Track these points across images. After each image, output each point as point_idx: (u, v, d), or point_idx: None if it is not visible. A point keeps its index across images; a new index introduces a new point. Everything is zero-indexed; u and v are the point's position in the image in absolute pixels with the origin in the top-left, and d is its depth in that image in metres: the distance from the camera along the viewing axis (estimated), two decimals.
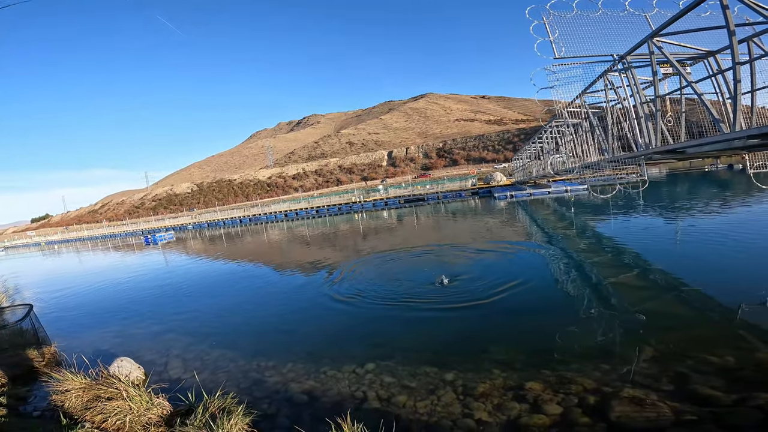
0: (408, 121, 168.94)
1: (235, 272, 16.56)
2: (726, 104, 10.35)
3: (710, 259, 10.08)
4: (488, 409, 4.64)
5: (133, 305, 12.33)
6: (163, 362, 7.21)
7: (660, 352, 5.53)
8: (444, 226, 26.60)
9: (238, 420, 4.46)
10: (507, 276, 10.40)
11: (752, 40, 9.61)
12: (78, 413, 4.78)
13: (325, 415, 4.50)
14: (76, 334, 9.58)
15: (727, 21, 8.02)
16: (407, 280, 11.19)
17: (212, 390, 5.22)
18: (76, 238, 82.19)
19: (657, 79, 10.86)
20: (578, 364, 5.36)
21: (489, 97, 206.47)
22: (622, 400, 4.44)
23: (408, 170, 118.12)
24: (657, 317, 6.85)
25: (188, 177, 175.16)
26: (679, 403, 4.29)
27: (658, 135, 11.63)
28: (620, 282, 9.30)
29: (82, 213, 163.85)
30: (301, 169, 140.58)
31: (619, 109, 15.24)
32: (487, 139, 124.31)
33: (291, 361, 6.55)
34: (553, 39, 12.25)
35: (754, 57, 9.54)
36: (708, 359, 5.14)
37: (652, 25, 12.07)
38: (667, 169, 56.93)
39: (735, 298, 7.20)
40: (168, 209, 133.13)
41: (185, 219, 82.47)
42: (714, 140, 9.49)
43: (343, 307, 9.38)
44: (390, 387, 5.40)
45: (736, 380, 4.62)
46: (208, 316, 10.03)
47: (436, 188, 64.03)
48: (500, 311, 7.93)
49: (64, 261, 35.96)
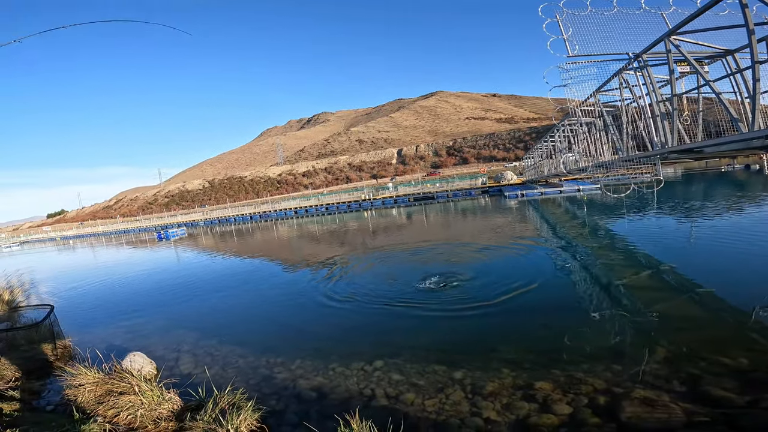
0: (418, 119, 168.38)
1: (245, 268, 16.70)
2: (744, 103, 10.12)
3: (724, 261, 9.88)
4: (497, 408, 4.60)
5: (145, 300, 12.53)
6: (174, 357, 7.31)
7: (672, 353, 5.44)
8: (453, 224, 26.47)
9: (247, 416, 4.50)
10: (517, 275, 10.31)
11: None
12: (90, 408, 4.86)
13: (334, 411, 4.52)
14: (89, 329, 9.75)
15: (746, 19, 7.87)
16: (416, 278, 11.17)
17: (222, 385, 5.27)
18: (91, 234, 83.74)
19: (674, 78, 10.64)
20: (589, 365, 5.29)
21: (500, 96, 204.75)
22: (632, 401, 4.37)
23: (418, 168, 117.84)
24: (669, 318, 6.75)
25: (200, 174, 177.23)
26: (691, 404, 4.22)
27: (675, 134, 11.40)
28: (632, 283, 9.16)
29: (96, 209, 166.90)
30: (311, 166, 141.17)
31: (634, 107, 14.96)
32: (498, 137, 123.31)
33: (300, 358, 6.58)
34: (567, 37, 12.08)
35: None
36: (721, 360, 5.05)
37: (669, 23, 11.87)
38: (682, 169, 55.81)
39: (749, 300, 7.05)
40: (180, 205, 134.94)
41: (197, 215, 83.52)
42: (732, 140, 9.27)
43: (352, 306, 9.40)
44: (398, 385, 5.39)
45: (749, 382, 4.54)
46: (219, 312, 10.15)
47: (445, 186, 63.74)
48: (510, 310, 7.87)
49: (79, 256, 36.68)
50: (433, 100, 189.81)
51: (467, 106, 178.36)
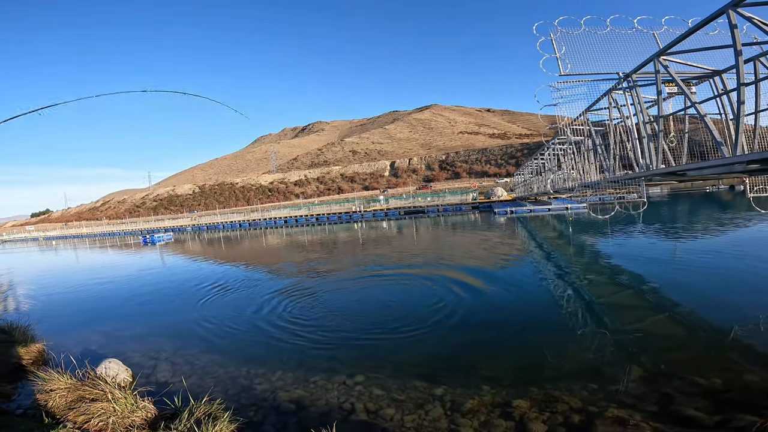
0: (412, 132, 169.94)
1: (230, 276, 16.48)
2: (729, 125, 10.31)
3: (705, 280, 10.06)
4: (474, 426, 4.58)
5: (125, 306, 12.27)
6: (151, 365, 7.15)
7: (648, 371, 5.50)
8: (442, 238, 26.58)
9: (224, 426, 4.41)
10: (501, 292, 10.39)
11: (759, 59, 9.59)
12: (61, 413, 4.72)
13: (312, 425, 4.46)
14: (65, 333, 9.50)
15: (735, 40, 7.93)
16: (400, 292, 11.18)
17: (199, 395, 5.16)
18: (75, 235, 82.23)
19: (661, 99, 10.84)
20: (566, 382, 5.31)
21: (494, 111, 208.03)
22: (605, 420, 4.39)
23: (410, 181, 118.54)
24: (648, 337, 6.84)
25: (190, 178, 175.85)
26: (662, 425, 4.26)
27: (659, 156, 11.63)
28: (613, 301, 9.27)
29: (82, 210, 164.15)
30: (304, 175, 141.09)
31: (622, 127, 15.30)
32: (490, 152, 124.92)
33: (280, 369, 6.49)
34: (560, 56, 12.28)
35: (760, 78, 9.49)
36: (695, 380, 5.11)
37: (660, 43, 12.00)
38: (668, 189, 57.03)
39: (728, 320, 7.21)
40: (169, 210, 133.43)
41: (185, 221, 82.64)
42: (714, 164, 9.49)
43: (335, 318, 9.33)
44: (379, 399, 5.34)
45: (721, 402, 4.60)
46: (200, 320, 9.94)
47: (437, 201, 64.22)
48: (492, 326, 7.88)
49: (61, 258, 35.93)
50: (428, 113, 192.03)
51: (461, 120, 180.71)
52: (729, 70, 10.93)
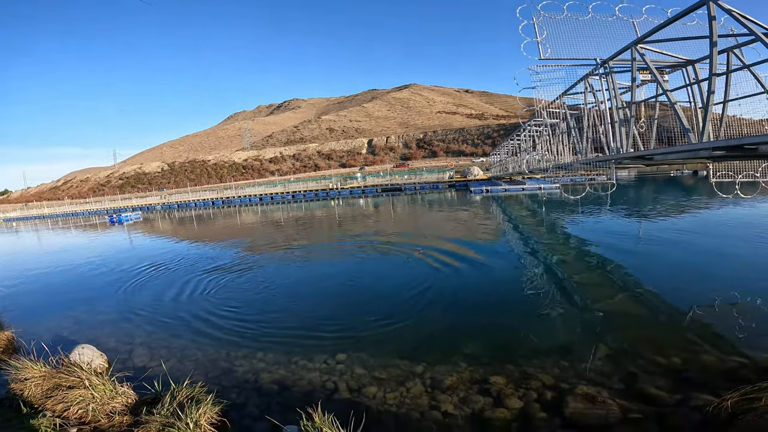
0: (390, 111, 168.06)
1: (203, 255, 16.14)
2: (697, 113, 10.71)
3: (668, 260, 10.62)
4: (454, 402, 4.79)
5: (95, 289, 11.86)
6: (127, 350, 7.03)
7: (614, 350, 5.83)
8: (419, 216, 26.83)
9: (207, 409, 4.44)
10: (477, 271, 10.66)
11: (733, 51, 9.86)
12: (38, 402, 4.62)
13: (296, 404, 4.53)
14: (34, 320, 9.14)
15: (711, 31, 8.08)
16: (377, 268, 11.30)
17: (180, 379, 5.16)
18: (36, 216, 78.07)
19: (635, 86, 11.12)
20: (539, 359, 5.59)
21: (472, 92, 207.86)
22: (576, 397, 4.66)
23: (387, 159, 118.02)
24: (613, 316, 7.21)
25: (159, 156, 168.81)
26: (627, 402, 4.55)
27: (630, 140, 12.02)
28: (582, 280, 9.69)
29: (43, 189, 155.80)
30: (279, 152, 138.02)
31: (596, 111, 15.64)
32: (468, 132, 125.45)
33: (261, 350, 6.52)
34: (541, 40, 12.32)
35: (732, 68, 9.82)
36: (656, 359, 5.44)
37: (638, 31, 12.18)
38: (636, 172, 59.24)
39: (687, 300, 7.64)
40: (136, 188, 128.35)
41: (154, 199, 79.67)
42: (681, 149, 9.87)
43: (316, 296, 9.39)
44: (361, 378, 5.47)
45: (680, 381, 4.91)
46: (175, 302, 9.76)
47: (414, 179, 64.40)
48: (469, 306, 8.11)
49: (22, 240, 34.19)
50: (406, 93, 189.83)
51: (440, 100, 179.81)
52: (702, 60, 11.26)
